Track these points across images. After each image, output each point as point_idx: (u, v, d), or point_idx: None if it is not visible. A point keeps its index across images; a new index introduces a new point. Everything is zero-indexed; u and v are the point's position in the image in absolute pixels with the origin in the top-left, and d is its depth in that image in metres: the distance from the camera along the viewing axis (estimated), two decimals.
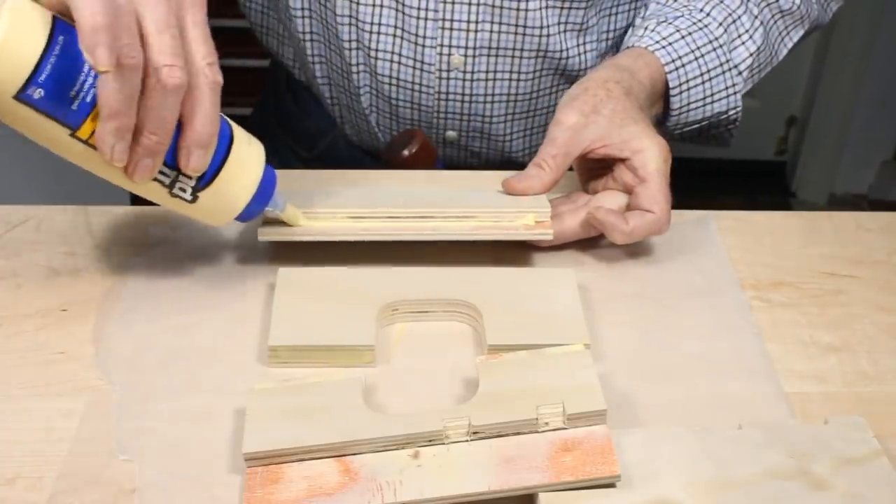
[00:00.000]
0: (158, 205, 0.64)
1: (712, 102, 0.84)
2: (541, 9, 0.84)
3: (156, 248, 0.74)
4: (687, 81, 0.82)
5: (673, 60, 0.81)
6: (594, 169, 0.77)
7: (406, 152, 0.82)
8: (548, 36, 0.86)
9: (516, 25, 0.85)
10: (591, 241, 0.75)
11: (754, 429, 0.58)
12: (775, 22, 0.88)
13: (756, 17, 0.85)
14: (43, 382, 0.62)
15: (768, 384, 0.65)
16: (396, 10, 0.85)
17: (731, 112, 0.85)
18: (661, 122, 0.85)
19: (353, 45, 0.87)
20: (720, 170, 2.42)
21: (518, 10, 0.84)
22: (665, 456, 0.56)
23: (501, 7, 0.84)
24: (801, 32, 0.90)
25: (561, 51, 0.87)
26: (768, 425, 0.59)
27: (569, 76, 0.89)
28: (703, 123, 0.86)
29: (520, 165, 0.77)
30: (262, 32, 0.98)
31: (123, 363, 0.64)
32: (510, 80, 0.88)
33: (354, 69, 0.89)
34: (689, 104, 0.83)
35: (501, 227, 0.71)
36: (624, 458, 0.55)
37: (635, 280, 0.73)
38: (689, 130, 0.87)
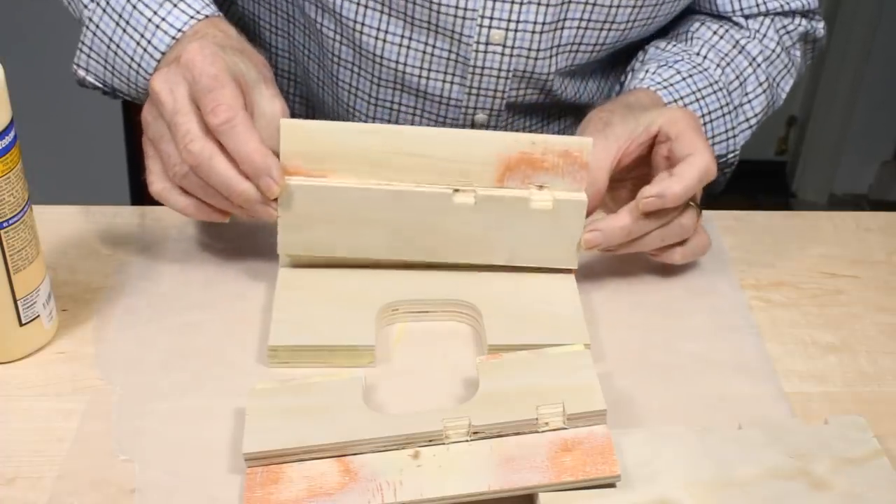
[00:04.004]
0: (157, 204, 0.64)
1: (714, 144, 0.83)
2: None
3: (156, 248, 0.74)
4: None
5: (675, 100, 0.80)
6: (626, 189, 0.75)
7: None
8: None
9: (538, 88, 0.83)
10: None
11: (754, 429, 0.58)
12: (772, 62, 0.87)
13: (755, 58, 0.84)
14: (43, 382, 0.62)
15: (768, 384, 0.65)
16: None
17: (729, 155, 0.84)
18: None
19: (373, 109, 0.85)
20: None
21: (540, 77, 0.82)
22: (665, 456, 0.56)
23: (531, 76, 0.81)
24: (791, 82, 0.89)
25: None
26: (768, 425, 0.59)
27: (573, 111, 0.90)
28: None
29: None
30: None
31: (123, 363, 0.64)
32: (524, 129, 0.87)
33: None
34: None
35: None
36: (624, 458, 0.55)
37: (635, 280, 0.73)
38: None
